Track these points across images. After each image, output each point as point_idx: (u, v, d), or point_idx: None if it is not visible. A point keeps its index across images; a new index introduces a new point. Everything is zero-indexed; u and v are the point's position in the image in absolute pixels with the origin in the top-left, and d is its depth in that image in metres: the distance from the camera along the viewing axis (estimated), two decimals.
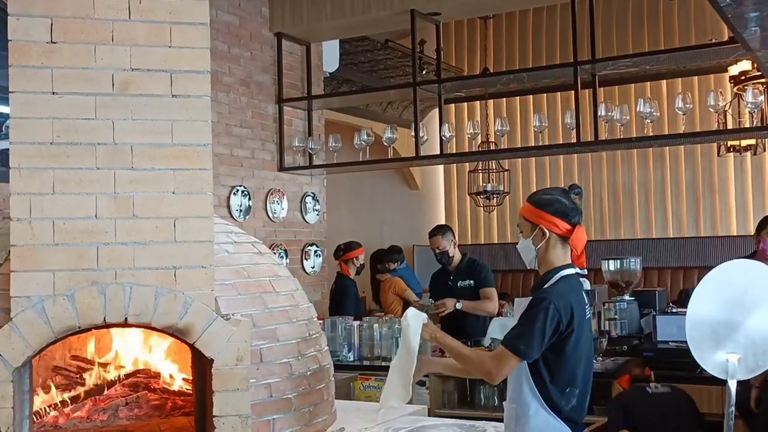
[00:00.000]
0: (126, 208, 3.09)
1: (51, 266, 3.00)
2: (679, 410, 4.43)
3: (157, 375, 3.75)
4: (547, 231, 2.88)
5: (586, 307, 2.89)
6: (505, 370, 2.82)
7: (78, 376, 3.72)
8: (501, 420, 3.13)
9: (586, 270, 3.07)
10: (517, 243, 3.11)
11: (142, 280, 3.08)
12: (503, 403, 3.05)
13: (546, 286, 2.88)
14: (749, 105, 5.19)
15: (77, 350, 3.79)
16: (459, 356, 3.01)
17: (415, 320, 3.13)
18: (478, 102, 11.37)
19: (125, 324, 3.11)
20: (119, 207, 3.09)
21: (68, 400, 3.58)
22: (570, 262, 2.93)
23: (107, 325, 3.12)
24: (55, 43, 3.06)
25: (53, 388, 3.57)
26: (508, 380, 2.99)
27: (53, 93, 3.04)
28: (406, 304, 8.06)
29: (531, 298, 2.89)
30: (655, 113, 5.41)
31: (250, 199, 6.09)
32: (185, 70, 3.17)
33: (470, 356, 2.99)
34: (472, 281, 6.21)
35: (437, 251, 6.21)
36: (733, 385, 3.02)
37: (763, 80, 6.80)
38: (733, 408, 3.06)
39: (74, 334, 3.13)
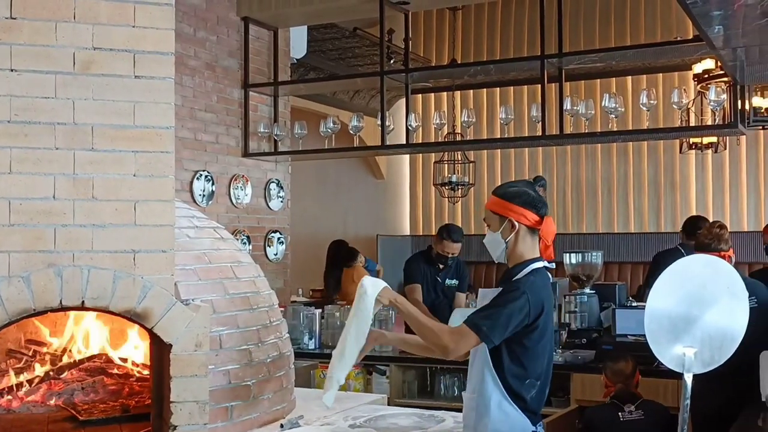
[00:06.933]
0: (85, 190, 3.04)
1: (6, 247, 2.94)
2: None
3: (115, 360, 3.70)
4: (516, 223, 2.86)
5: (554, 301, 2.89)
6: (462, 347, 2.75)
7: (33, 359, 3.66)
8: (461, 410, 3.09)
9: (554, 264, 3.04)
10: (481, 235, 3.08)
11: (100, 263, 3.04)
12: (463, 393, 3.03)
13: (519, 277, 2.84)
14: (712, 103, 5.25)
15: (33, 333, 3.73)
16: (417, 324, 2.86)
17: (373, 288, 2.90)
18: (445, 93, 11.35)
19: (82, 307, 3.06)
20: (78, 188, 3.03)
21: (23, 383, 3.53)
22: (539, 254, 2.92)
23: (63, 308, 3.07)
24: (15, 18, 2.99)
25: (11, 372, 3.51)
26: (469, 371, 2.97)
27: (11, 70, 2.98)
28: None
29: (500, 289, 2.85)
30: (619, 108, 5.45)
31: (213, 184, 6.03)
32: (149, 51, 3.13)
33: (429, 326, 2.85)
34: (457, 281, 6.36)
35: (451, 255, 6.17)
36: (689, 379, 3.05)
37: (725, 79, 6.87)
38: (688, 401, 3.10)
39: (30, 317, 3.07)
